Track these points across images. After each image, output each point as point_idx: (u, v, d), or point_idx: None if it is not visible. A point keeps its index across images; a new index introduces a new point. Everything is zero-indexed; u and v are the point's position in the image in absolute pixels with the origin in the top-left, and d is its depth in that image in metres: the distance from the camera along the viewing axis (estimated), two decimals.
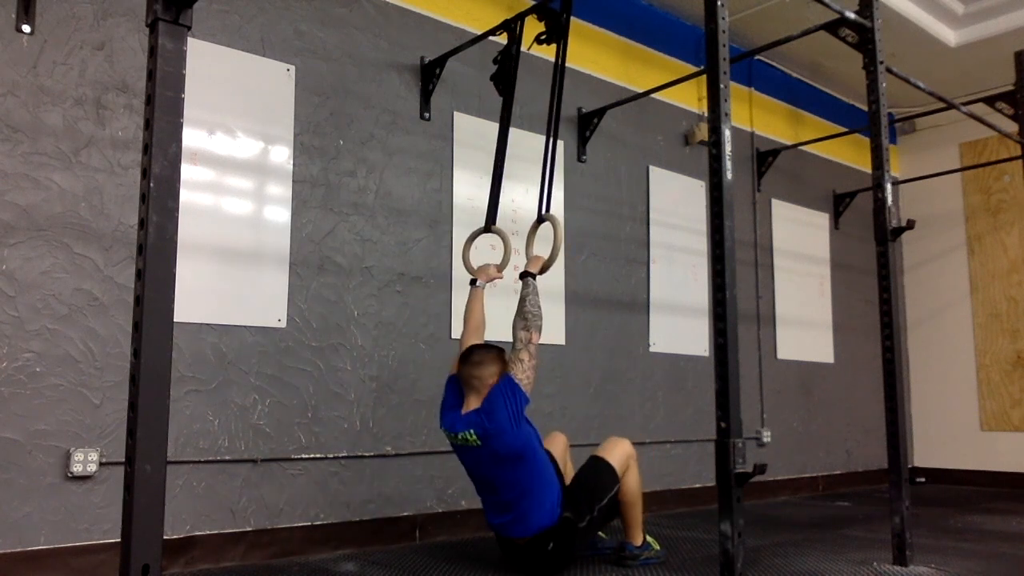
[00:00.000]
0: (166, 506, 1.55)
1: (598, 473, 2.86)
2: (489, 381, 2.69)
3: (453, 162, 3.72)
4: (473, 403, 2.70)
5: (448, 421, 2.74)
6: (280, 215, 3.17)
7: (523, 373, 2.69)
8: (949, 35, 5.18)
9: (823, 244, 5.71)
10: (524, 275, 2.90)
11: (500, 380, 2.68)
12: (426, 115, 3.65)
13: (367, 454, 3.29)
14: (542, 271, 2.93)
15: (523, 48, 3.17)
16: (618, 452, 2.89)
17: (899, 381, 2.99)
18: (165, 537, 1.92)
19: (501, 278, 3.08)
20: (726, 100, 2.44)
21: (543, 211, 3.05)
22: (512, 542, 2.77)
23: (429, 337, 3.53)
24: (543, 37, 3.11)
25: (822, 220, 5.74)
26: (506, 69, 3.19)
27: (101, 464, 2.67)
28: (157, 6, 1.58)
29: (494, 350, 2.77)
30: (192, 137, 2.95)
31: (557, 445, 3.08)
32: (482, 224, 3.19)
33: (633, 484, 2.89)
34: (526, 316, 2.77)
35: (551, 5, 3.10)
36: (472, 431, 2.63)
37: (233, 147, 3.08)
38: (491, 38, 3.45)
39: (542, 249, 3.03)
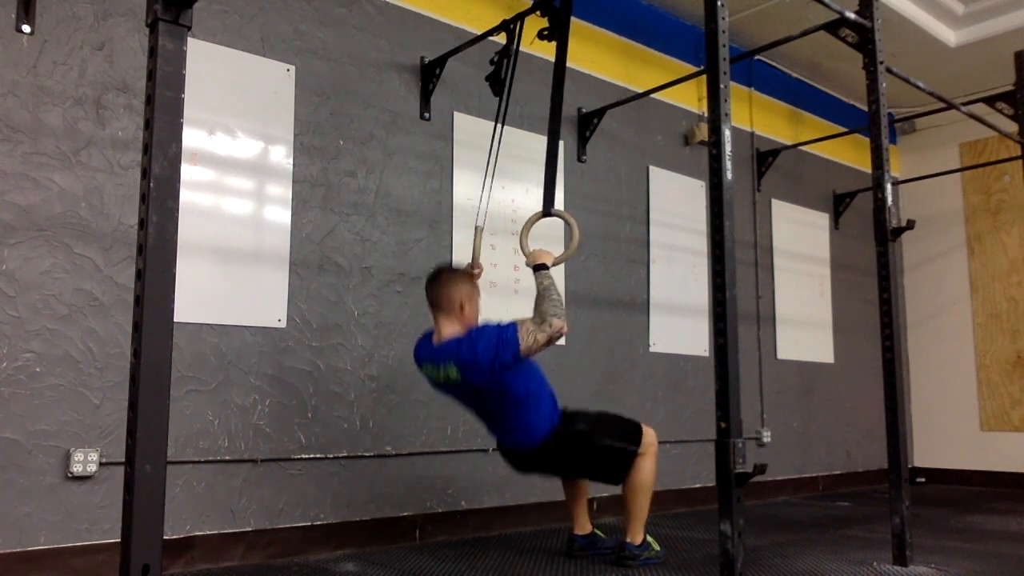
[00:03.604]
0: (166, 506, 1.55)
1: (627, 425, 2.90)
2: (458, 300, 2.66)
3: (453, 162, 3.72)
4: (447, 327, 2.68)
5: (425, 352, 2.72)
6: (280, 215, 3.17)
7: (526, 343, 2.54)
8: (949, 35, 5.18)
9: (823, 244, 5.71)
10: (540, 267, 2.77)
11: (500, 324, 2.60)
12: (426, 115, 3.65)
13: (367, 454, 3.29)
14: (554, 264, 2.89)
15: (524, 44, 3.17)
16: (647, 431, 2.91)
17: (899, 381, 2.99)
18: (165, 537, 1.91)
19: (481, 269, 3.02)
20: (726, 100, 2.44)
21: (549, 206, 3.02)
22: (520, 454, 2.84)
23: None
24: (545, 33, 3.11)
25: (822, 220, 5.74)
26: (502, 69, 3.19)
27: (101, 464, 2.67)
28: (157, 6, 1.58)
29: (460, 270, 2.78)
30: (192, 137, 2.95)
31: None
32: (481, 223, 3.16)
33: (647, 471, 2.88)
34: (556, 303, 2.60)
35: (552, 2, 3.10)
36: (452, 365, 2.60)
37: (233, 147, 3.08)
38: (491, 38, 3.45)
39: (536, 244, 3.01)
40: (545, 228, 3.08)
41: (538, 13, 3.13)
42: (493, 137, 3.15)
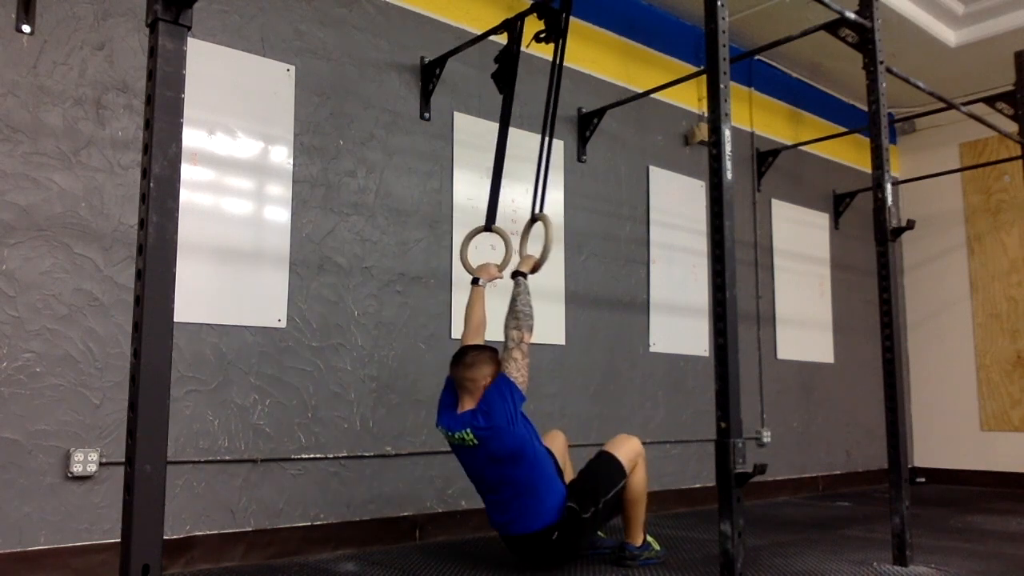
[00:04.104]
0: (166, 506, 1.55)
1: (606, 467, 2.87)
2: (482, 383, 2.71)
3: (453, 162, 3.72)
4: (468, 403, 2.73)
5: (445, 420, 2.76)
6: (280, 215, 3.17)
7: (517, 372, 2.70)
8: (949, 35, 5.18)
9: (823, 244, 5.71)
10: (515, 274, 2.93)
11: (495, 380, 2.70)
12: (426, 115, 3.65)
13: (367, 454, 3.29)
14: (533, 270, 2.96)
15: (522, 47, 3.17)
16: (627, 448, 2.89)
17: (899, 381, 2.99)
18: (165, 537, 1.91)
19: (501, 277, 3.09)
20: (726, 100, 2.43)
21: (536, 210, 3.06)
22: (516, 539, 2.78)
23: (429, 337, 3.53)
24: (542, 35, 3.11)
25: (822, 220, 5.74)
26: (506, 68, 3.19)
27: (101, 464, 2.67)
28: (157, 6, 1.58)
29: (487, 351, 2.78)
30: (192, 137, 2.95)
31: (556, 443, 3.09)
32: (482, 223, 3.19)
33: (639, 482, 2.89)
34: (518, 315, 2.80)
35: (551, 5, 3.10)
36: (469, 431, 2.66)
37: (233, 147, 3.08)
38: (491, 38, 3.45)
39: (535, 248, 3.04)
40: (540, 228, 3.09)
41: (536, 16, 3.13)
42: (500, 138, 3.16)
